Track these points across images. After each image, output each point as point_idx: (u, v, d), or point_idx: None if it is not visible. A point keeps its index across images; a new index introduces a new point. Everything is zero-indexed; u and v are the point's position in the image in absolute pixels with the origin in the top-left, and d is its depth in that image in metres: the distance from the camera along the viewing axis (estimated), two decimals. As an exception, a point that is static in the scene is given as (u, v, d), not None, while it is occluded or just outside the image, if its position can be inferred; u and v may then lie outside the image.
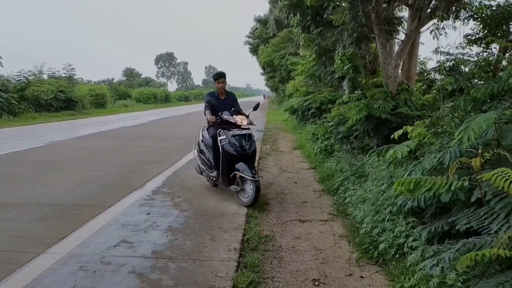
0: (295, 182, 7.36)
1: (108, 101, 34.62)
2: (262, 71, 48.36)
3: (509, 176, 2.09)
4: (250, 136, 5.85)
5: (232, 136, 5.67)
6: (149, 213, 5.20)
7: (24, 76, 24.78)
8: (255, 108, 6.22)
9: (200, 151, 6.81)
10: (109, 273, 3.50)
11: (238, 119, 5.87)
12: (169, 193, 6.26)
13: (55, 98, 24.99)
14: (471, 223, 2.51)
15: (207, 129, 6.41)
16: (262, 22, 45.16)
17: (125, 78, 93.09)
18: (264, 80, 54.26)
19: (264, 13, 44.35)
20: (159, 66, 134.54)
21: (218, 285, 3.33)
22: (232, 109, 6.20)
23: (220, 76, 6.22)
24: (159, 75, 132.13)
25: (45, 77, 28.60)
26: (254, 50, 47.74)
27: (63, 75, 29.05)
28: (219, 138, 5.76)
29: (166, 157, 9.54)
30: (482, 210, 2.44)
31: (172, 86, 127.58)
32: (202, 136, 6.70)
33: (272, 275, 3.68)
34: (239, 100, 6.83)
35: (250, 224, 4.95)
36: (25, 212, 5.15)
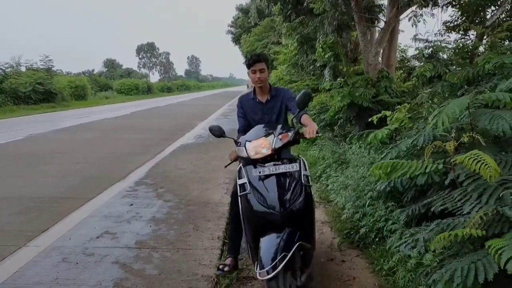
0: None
1: (88, 93, 34.05)
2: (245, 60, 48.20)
3: (481, 158, 2.15)
4: (291, 177, 2.75)
5: (257, 178, 2.74)
6: (132, 204, 5.18)
7: (0, 68, 24.21)
8: (303, 104, 3.02)
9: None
10: (92, 264, 3.50)
11: (254, 147, 2.86)
12: (152, 184, 6.24)
13: (34, 91, 24.46)
14: (446, 205, 2.58)
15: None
16: (244, 11, 44.89)
17: (106, 69, 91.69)
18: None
19: (246, 2, 44.15)
20: (140, 56, 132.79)
21: (202, 272, 3.36)
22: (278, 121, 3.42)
23: (255, 61, 3.30)
24: (141, 66, 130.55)
25: (22, 69, 28.01)
26: (236, 40, 47.46)
27: (41, 66, 28.46)
28: (238, 183, 2.86)
29: (149, 148, 9.48)
30: (456, 192, 2.51)
31: (154, 77, 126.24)
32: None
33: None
34: (221, 91, 6.11)
35: (234, 213, 4.99)
36: (5, 205, 5.09)
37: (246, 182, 2.76)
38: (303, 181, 2.73)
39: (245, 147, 2.90)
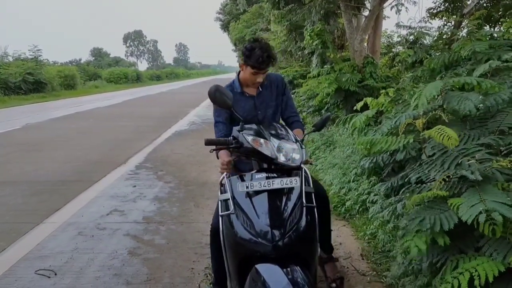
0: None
1: (78, 82, 33.96)
2: (234, 47, 48.13)
3: (444, 131, 2.56)
4: (288, 194, 2.13)
5: (244, 195, 2.12)
6: (135, 186, 5.55)
7: (-11, 59, 24.16)
8: (321, 125, 2.65)
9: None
10: (106, 236, 3.89)
11: (289, 149, 2.19)
12: (151, 167, 6.60)
13: (24, 81, 24.46)
14: (418, 175, 2.98)
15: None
16: (232, -3, 44.71)
17: (93, 58, 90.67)
18: (237, 56, 54.05)
19: (234, -12, 43.92)
20: (127, 45, 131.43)
21: (205, 241, 3.75)
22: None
23: (268, 65, 2.60)
24: (128, 54, 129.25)
25: (10, 59, 27.89)
26: (225, 27, 47.31)
27: (29, 56, 28.35)
28: (220, 198, 2.25)
29: (145, 135, 9.81)
30: (426, 163, 2.92)
31: (142, 66, 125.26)
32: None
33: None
34: (210, 78, 5.19)
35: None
36: (17, 189, 5.42)
37: (229, 199, 2.13)
38: (304, 201, 2.10)
39: (269, 141, 2.17)
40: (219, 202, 2.22)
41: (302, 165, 2.24)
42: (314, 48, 9.34)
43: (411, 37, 7.36)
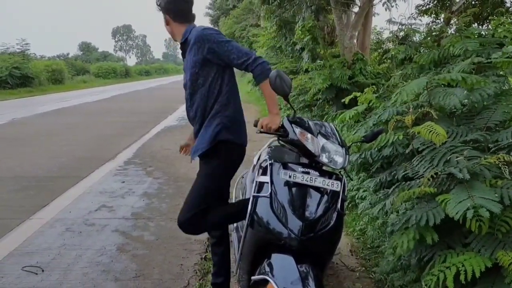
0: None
1: (66, 77, 33.54)
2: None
3: (432, 128, 2.57)
4: (326, 197, 2.10)
5: (283, 183, 2.10)
6: (123, 182, 5.51)
7: (-26, 53, 23.74)
8: (371, 138, 2.58)
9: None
10: (94, 232, 3.85)
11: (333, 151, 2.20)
12: (140, 163, 6.56)
13: (10, 75, 24.07)
14: (406, 171, 3.00)
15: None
16: (222, -8, 44.49)
17: (81, 52, 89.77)
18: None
19: (224, -17, 43.70)
20: (116, 39, 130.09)
21: (195, 237, 3.74)
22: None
23: None
24: (117, 49, 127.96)
25: (-4, 53, 27.44)
26: (215, 22, 47.10)
27: (17, 50, 27.92)
28: (256, 179, 2.20)
29: (134, 130, 9.73)
30: (415, 159, 2.93)
31: (131, 61, 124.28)
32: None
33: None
34: None
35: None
36: (3, 184, 5.34)
37: (267, 182, 2.10)
38: (338, 207, 2.08)
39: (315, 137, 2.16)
40: (256, 182, 2.18)
41: (342, 171, 2.20)
42: (305, 44, 9.35)
43: (401, 33, 7.41)
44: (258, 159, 2.59)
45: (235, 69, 2.47)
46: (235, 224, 2.97)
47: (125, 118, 12.08)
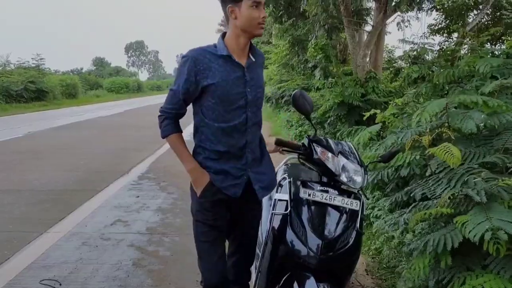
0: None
1: (79, 91, 34.14)
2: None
3: (448, 149, 2.59)
4: (345, 216, 2.11)
5: (303, 201, 2.12)
6: (138, 196, 5.57)
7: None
8: (388, 158, 2.53)
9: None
10: (110, 247, 3.89)
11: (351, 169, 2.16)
12: (154, 178, 6.63)
13: (26, 89, 24.56)
14: (423, 191, 3.01)
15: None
16: (234, 10, 45.07)
17: (95, 67, 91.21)
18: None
19: (237, 1, 44.27)
20: (129, 55, 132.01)
21: (210, 253, 3.76)
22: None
23: None
24: (130, 64, 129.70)
25: (12, 67, 28.06)
26: (226, 39, 47.61)
27: (32, 65, 28.52)
28: (275, 197, 2.31)
29: (147, 145, 9.83)
30: (431, 179, 2.94)
31: (143, 76, 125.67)
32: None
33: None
34: None
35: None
36: (20, 197, 5.43)
37: (286, 200, 2.15)
38: (357, 226, 2.09)
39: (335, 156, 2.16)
40: (274, 200, 2.22)
41: (361, 191, 2.21)
42: (318, 61, 9.44)
43: (414, 52, 7.45)
44: None
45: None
46: None
47: (139, 132, 12.22)
